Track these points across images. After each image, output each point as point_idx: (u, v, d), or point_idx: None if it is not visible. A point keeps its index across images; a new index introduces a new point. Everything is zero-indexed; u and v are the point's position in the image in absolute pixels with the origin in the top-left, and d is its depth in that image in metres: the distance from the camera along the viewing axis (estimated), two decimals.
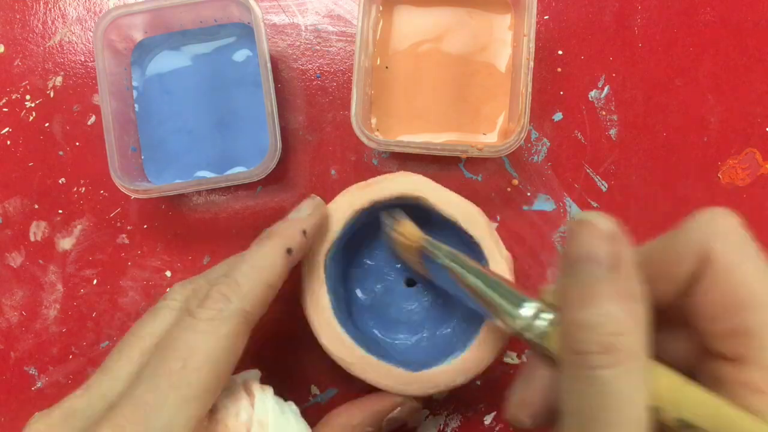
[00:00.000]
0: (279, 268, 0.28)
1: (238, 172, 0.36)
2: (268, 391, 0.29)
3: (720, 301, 0.20)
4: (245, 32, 0.37)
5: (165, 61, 0.37)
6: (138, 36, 0.37)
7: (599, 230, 0.20)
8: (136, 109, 0.37)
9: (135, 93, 0.37)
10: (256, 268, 0.28)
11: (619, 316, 0.19)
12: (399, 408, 0.32)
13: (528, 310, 0.24)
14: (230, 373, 0.26)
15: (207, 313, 0.25)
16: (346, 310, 0.34)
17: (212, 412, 0.27)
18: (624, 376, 0.19)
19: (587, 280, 0.20)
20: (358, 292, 0.35)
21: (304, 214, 0.31)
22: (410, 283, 0.35)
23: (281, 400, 0.30)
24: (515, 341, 0.36)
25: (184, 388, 0.24)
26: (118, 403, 0.24)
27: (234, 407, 0.27)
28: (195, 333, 0.25)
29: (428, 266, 0.31)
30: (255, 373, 0.31)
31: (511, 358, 0.36)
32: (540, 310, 0.23)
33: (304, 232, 0.30)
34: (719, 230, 0.21)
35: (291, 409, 0.30)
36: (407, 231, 0.31)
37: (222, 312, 0.26)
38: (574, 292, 0.20)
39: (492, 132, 0.36)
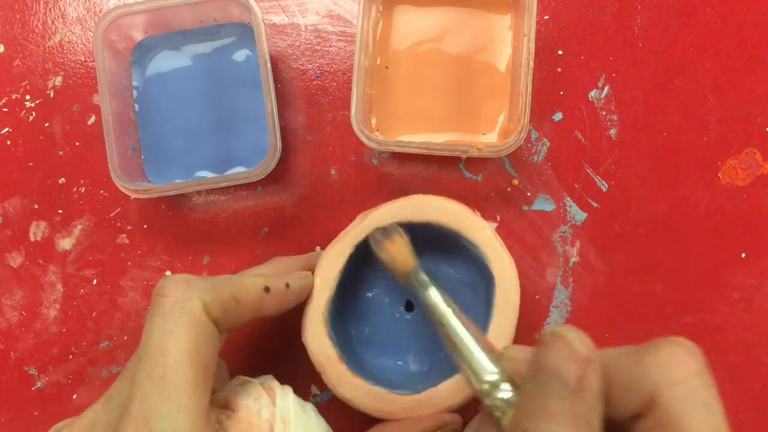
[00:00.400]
0: (252, 294, 0.28)
1: (238, 172, 0.36)
2: (288, 390, 0.29)
3: None
4: (245, 32, 0.37)
5: (165, 61, 0.37)
6: (138, 36, 0.37)
7: (573, 350, 0.21)
8: (136, 109, 0.37)
9: (135, 93, 0.37)
10: (230, 280, 0.28)
11: None
12: (441, 429, 0.32)
13: (495, 376, 0.24)
14: (214, 359, 0.26)
15: (167, 303, 0.25)
16: (349, 346, 0.34)
17: (234, 411, 0.27)
18: None
19: (548, 395, 0.20)
20: (360, 328, 0.35)
21: (293, 275, 0.31)
22: (409, 307, 0.36)
23: (302, 401, 0.30)
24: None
25: (173, 394, 0.23)
26: (120, 419, 0.24)
27: (255, 405, 0.27)
28: (160, 331, 0.24)
29: (413, 291, 0.30)
30: (271, 377, 0.30)
31: None
32: (506, 382, 0.23)
33: (287, 285, 0.30)
34: (671, 376, 0.20)
35: (311, 407, 0.30)
36: (398, 252, 0.30)
37: (182, 299, 0.25)
38: (533, 401, 0.20)
39: (492, 132, 0.36)
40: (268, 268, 0.32)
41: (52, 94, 0.38)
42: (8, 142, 0.38)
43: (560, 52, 0.37)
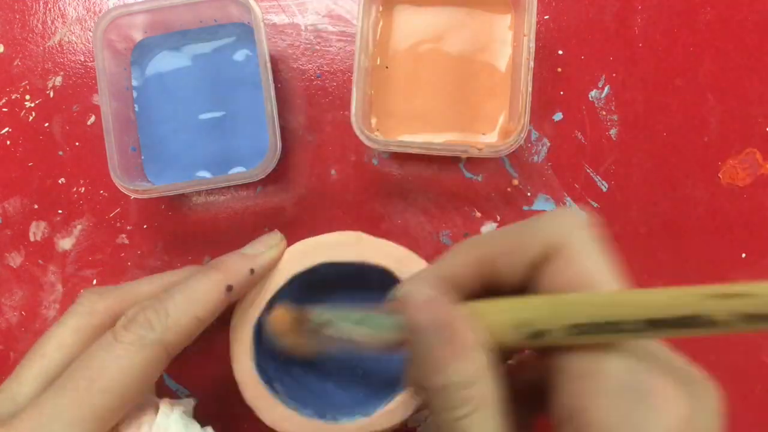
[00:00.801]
0: (214, 304, 0.28)
1: (238, 172, 0.36)
2: (178, 408, 0.28)
3: (561, 285, 0.22)
4: (245, 32, 0.37)
5: (165, 61, 0.37)
6: (138, 36, 0.37)
7: (415, 302, 0.22)
8: (136, 109, 0.37)
9: (135, 93, 0.37)
10: (190, 301, 0.27)
11: (464, 372, 0.21)
12: None
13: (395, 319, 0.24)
14: (138, 398, 0.26)
15: (128, 337, 0.25)
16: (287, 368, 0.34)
17: (114, 426, 0.26)
18: (480, 422, 0.21)
19: (425, 349, 0.21)
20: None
21: (257, 250, 0.30)
22: None
23: (193, 421, 0.29)
24: None
25: (84, 407, 0.24)
26: (21, 410, 0.24)
27: (137, 421, 0.27)
28: (110, 354, 0.25)
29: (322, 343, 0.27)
30: (188, 402, 0.30)
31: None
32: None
33: (252, 271, 0.29)
34: (569, 223, 0.23)
35: (200, 430, 0.29)
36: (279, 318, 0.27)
37: (142, 339, 0.25)
38: (420, 362, 0.22)
39: (492, 132, 0.36)
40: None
41: (51, 94, 0.38)
42: (8, 142, 0.38)
43: (560, 52, 0.37)
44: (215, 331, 0.37)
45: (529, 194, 0.37)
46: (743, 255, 0.36)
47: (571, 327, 0.21)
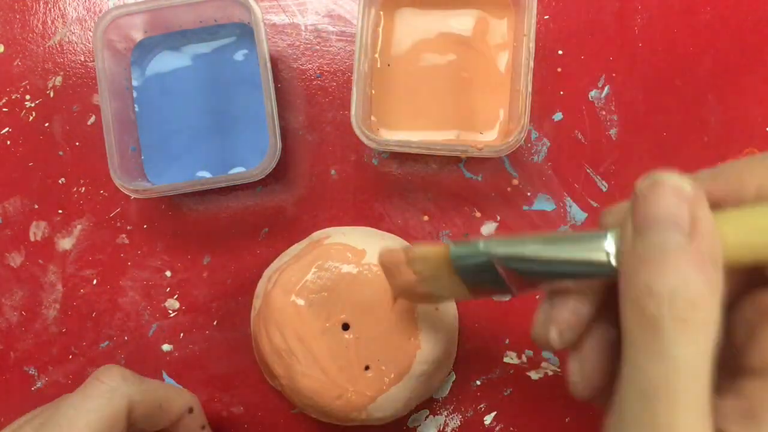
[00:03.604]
0: (176, 409, 0.31)
1: (238, 172, 0.36)
2: None
3: None
4: (245, 32, 0.37)
5: (165, 61, 0.37)
6: (138, 36, 0.37)
7: (678, 191, 0.19)
8: (136, 109, 0.37)
9: (135, 93, 0.37)
10: (164, 387, 0.31)
11: (697, 287, 0.18)
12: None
13: (609, 244, 0.21)
14: None
15: (100, 388, 0.28)
16: None
17: None
18: (696, 356, 0.17)
19: (665, 245, 0.18)
20: None
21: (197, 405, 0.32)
22: None
23: None
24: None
25: None
26: None
27: None
28: (84, 401, 0.27)
29: (472, 279, 0.25)
30: None
31: (511, 358, 0.36)
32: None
33: (191, 410, 0.32)
34: None
35: None
36: (424, 256, 0.26)
37: (113, 391, 0.28)
38: (649, 257, 0.18)
39: (492, 132, 0.36)
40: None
41: (52, 94, 0.38)
42: (8, 142, 0.38)
43: (560, 52, 0.37)
44: (214, 331, 0.37)
45: (529, 194, 0.37)
46: None
47: None
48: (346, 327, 0.33)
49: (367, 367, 0.32)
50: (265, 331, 0.33)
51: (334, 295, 0.33)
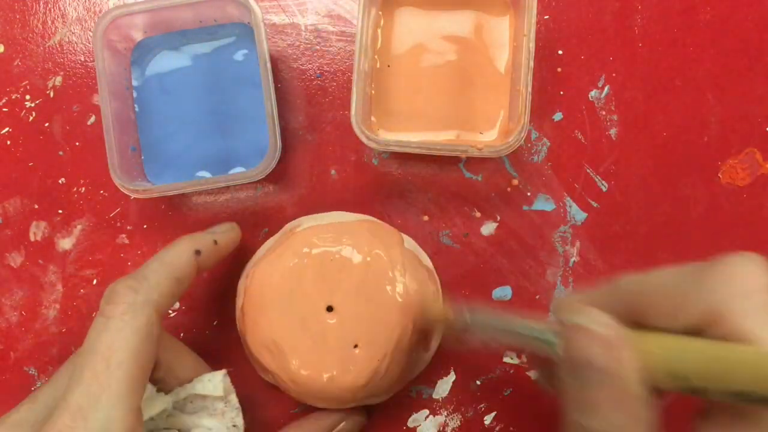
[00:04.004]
0: (186, 266, 0.30)
1: (238, 172, 0.36)
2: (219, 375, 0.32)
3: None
4: (245, 32, 0.37)
5: (165, 61, 0.37)
6: (138, 36, 0.37)
7: (596, 335, 0.21)
8: (136, 109, 0.37)
9: (135, 93, 0.37)
10: (164, 263, 0.29)
11: (620, 424, 0.20)
12: (343, 422, 0.34)
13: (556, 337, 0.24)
14: (153, 361, 0.27)
15: (117, 309, 0.26)
16: None
17: None
18: None
19: (588, 386, 0.20)
20: None
21: (219, 229, 0.33)
22: None
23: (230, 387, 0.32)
24: None
25: (113, 386, 0.25)
26: (55, 410, 0.25)
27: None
28: (109, 331, 0.26)
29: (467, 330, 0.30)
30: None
31: (511, 358, 0.36)
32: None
33: (215, 242, 0.32)
34: (738, 290, 0.20)
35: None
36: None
37: (132, 305, 0.26)
38: (576, 396, 0.21)
39: (492, 132, 0.36)
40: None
41: (52, 94, 0.38)
42: (8, 142, 0.38)
43: (560, 52, 0.37)
44: (214, 331, 0.37)
45: (529, 194, 0.37)
46: None
47: (732, 394, 0.19)
48: (329, 309, 0.33)
49: (355, 346, 0.32)
50: (250, 326, 0.33)
51: (314, 280, 0.33)
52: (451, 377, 0.36)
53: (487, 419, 0.36)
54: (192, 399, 0.31)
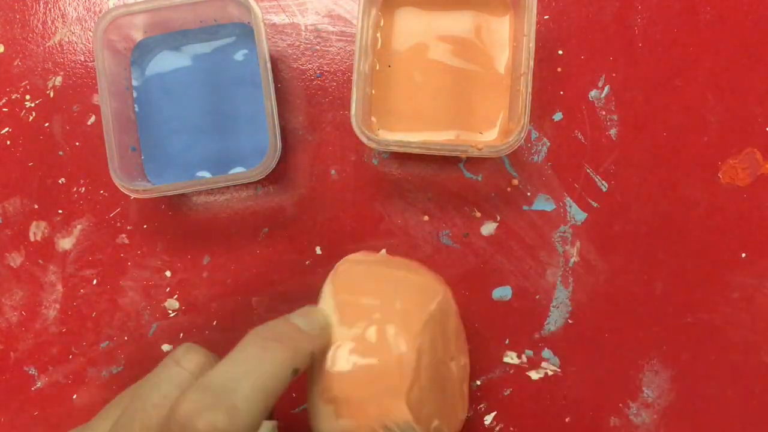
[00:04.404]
0: (281, 388, 0.23)
1: (238, 172, 0.36)
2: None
3: None
4: (245, 32, 0.37)
5: (165, 61, 0.37)
6: (138, 36, 0.37)
7: None
8: (136, 109, 0.37)
9: (135, 93, 0.37)
10: (259, 389, 0.22)
11: None
12: None
13: None
14: None
15: None
16: None
17: None
18: None
19: None
20: None
21: (313, 329, 0.26)
22: None
23: None
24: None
25: None
26: None
27: None
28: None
29: None
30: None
31: (511, 358, 0.36)
32: None
33: (312, 355, 0.25)
34: None
35: None
36: None
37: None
38: None
39: (492, 132, 0.36)
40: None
41: (52, 94, 0.38)
42: (8, 142, 0.38)
43: (560, 52, 0.37)
44: (214, 331, 0.37)
45: (529, 194, 0.37)
46: (743, 255, 0.36)
47: None
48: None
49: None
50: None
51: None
52: None
53: (487, 419, 0.36)
54: None
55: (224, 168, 0.37)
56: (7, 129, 0.38)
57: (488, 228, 0.37)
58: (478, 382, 0.36)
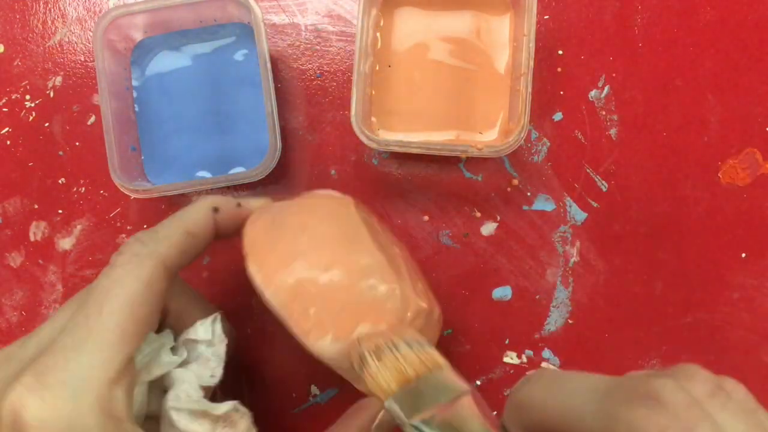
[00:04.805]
0: (202, 221, 0.28)
1: (238, 172, 0.36)
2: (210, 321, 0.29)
3: None
4: (245, 32, 0.37)
5: (165, 61, 0.37)
6: (138, 36, 0.37)
7: None
8: (136, 110, 0.37)
9: (135, 93, 0.37)
10: (176, 218, 0.28)
11: None
12: (382, 412, 0.29)
13: None
14: (153, 321, 0.26)
15: (122, 259, 0.26)
16: None
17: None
18: None
19: None
20: None
21: (246, 196, 0.31)
22: None
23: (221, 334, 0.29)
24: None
25: (101, 333, 0.24)
26: (45, 349, 0.24)
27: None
28: (110, 279, 0.25)
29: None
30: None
31: (511, 358, 0.36)
32: None
33: (239, 205, 0.30)
34: None
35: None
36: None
37: (137, 256, 0.26)
38: None
39: (492, 132, 0.36)
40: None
41: (52, 94, 0.38)
42: (8, 142, 0.38)
43: (560, 52, 0.37)
44: None
45: (529, 194, 0.37)
46: (743, 255, 0.36)
47: None
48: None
49: None
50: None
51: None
52: None
53: None
54: (186, 343, 0.29)
55: (224, 168, 0.37)
56: (7, 129, 0.38)
57: (488, 228, 0.37)
58: (478, 382, 0.36)
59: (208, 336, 0.29)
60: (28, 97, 0.38)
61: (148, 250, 0.26)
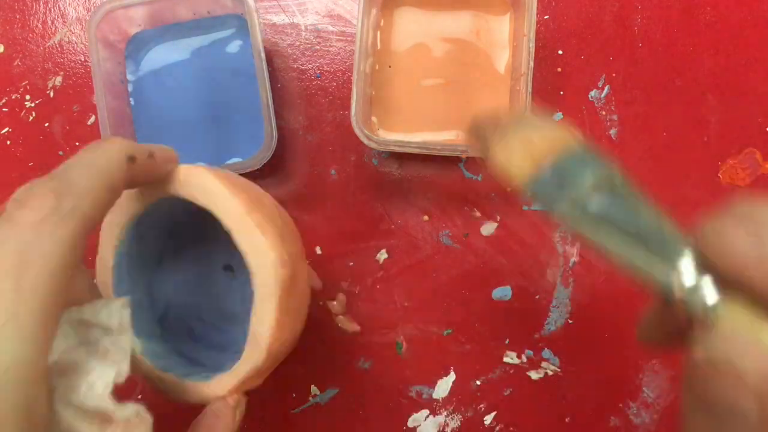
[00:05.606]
0: (119, 173, 0.23)
1: (235, 162, 0.36)
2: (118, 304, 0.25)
3: None
4: (239, 24, 0.37)
5: (160, 55, 0.37)
6: (132, 30, 0.37)
7: (746, 384, 0.17)
8: (132, 103, 0.37)
9: (130, 87, 0.37)
10: (94, 167, 0.22)
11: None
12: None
13: (688, 276, 0.18)
14: (68, 289, 0.20)
15: (32, 215, 0.19)
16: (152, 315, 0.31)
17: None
18: None
19: (727, 429, 0.17)
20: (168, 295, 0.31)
21: (155, 146, 0.26)
22: (228, 268, 0.33)
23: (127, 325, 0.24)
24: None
25: (24, 317, 0.18)
26: None
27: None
28: (20, 241, 0.19)
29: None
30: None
31: (511, 358, 0.36)
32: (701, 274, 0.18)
33: (151, 155, 0.25)
34: None
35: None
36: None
37: (57, 212, 0.20)
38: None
39: None
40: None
41: (51, 94, 0.38)
42: (8, 142, 0.38)
43: (560, 52, 0.37)
44: None
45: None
46: None
47: None
48: None
49: None
50: None
51: None
52: (451, 377, 0.36)
53: (487, 419, 0.36)
54: (72, 323, 0.24)
55: (221, 159, 0.36)
56: (7, 129, 0.38)
57: (488, 228, 0.37)
58: (478, 382, 0.36)
59: (111, 322, 0.24)
60: (28, 97, 0.38)
61: (70, 207, 0.20)
